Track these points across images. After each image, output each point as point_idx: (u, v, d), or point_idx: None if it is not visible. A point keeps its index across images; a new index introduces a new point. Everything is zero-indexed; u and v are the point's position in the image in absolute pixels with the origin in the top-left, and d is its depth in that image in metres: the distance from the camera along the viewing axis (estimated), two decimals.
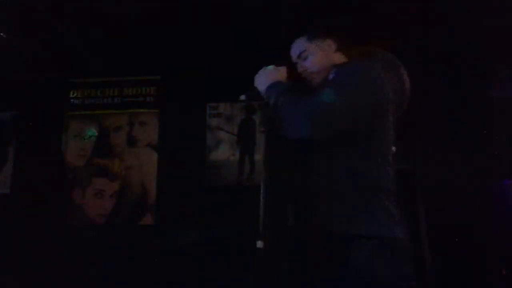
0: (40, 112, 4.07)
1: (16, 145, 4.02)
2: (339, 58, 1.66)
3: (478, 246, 3.38)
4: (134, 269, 3.51)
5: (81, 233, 3.70)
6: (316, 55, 1.63)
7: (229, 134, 3.83)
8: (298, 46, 1.68)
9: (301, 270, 1.50)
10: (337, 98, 1.34)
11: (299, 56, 1.67)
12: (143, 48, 3.94)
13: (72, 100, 4.12)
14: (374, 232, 1.35)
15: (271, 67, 1.61)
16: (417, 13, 3.48)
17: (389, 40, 3.45)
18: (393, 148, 3.65)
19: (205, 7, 3.37)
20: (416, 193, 3.79)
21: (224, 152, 3.83)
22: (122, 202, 3.82)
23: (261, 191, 1.44)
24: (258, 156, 3.76)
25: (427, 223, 3.63)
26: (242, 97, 1.68)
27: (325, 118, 1.34)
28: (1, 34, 3.31)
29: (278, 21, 3.32)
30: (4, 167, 3.97)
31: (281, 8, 3.33)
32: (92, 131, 3.99)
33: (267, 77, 1.57)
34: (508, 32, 3.61)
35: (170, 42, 3.84)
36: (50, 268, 3.56)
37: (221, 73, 3.81)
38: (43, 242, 3.63)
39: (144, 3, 3.32)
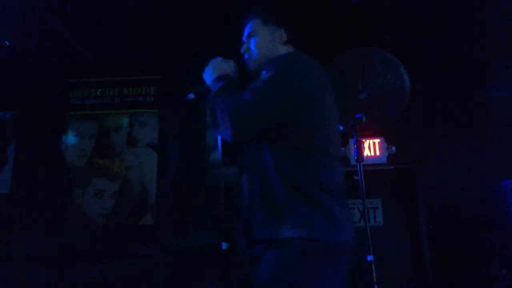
0: (40, 112, 4.07)
1: (16, 145, 4.02)
2: (285, 51, 1.55)
3: (478, 246, 3.38)
4: (134, 269, 3.51)
5: (81, 233, 3.69)
6: (263, 39, 1.56)
7: None
8: (250, 25, 1.60)
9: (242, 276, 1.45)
10: (255, 99, 1.29)
11: (247, 36, 1.59)
12: (143, 48, 3.94)
13: (72, 100, 4.12)
14: (303, 234, 1.25)
15: (219, 59, 1.54)
16: (417, 13, 3.48)
17: (389, 40, 3.47)
18: (393, 148, 3.67)
19: (206, 7, 3.37)
20: (416, 193, 3.79)
21: None
22: (122, 202, 3.82)
23: (221, 193, 1.40)
24: None
25: (427, 223, 3.64)
26: (190, 95, 1.57)
27: (243, 121, 1.29)
28: (6, 42, 3.32)
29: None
30: (4, 167, 3.97)
31: (283, 9, 3.32)
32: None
33: (213, 69, 1.50)
34: (509, 32, 3.61)
35: (170, 42, 3.84)
36: (50, 267, 3.56)
37: None
38: (43, 242, 3.63)
39: (144, 3, 3.32)
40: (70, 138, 4.01)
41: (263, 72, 1.39)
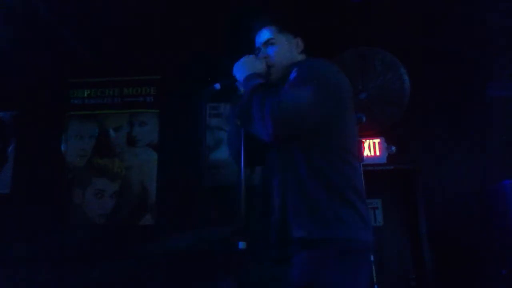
0: (40, 112, 4.07)
1: (16, 145, 4.02)
2: (301, 59, 1.62)
3: (478, 246, 3.38)
4: (134, 269, 3.51)
5: (82, 233, 3.69)
6: (282, 47, 1.60)
7: None
8: (267, 33, 1.63)
9: (269, 276, 1.45)
10: (298, 98, 1.33)
11: (265, 43, 1.62)
12: (143, 48, 3.94)
13: (72, 100, 4.12)
14: (340, 233, 1.30)
15: (252, 56, 1.57)
16: (417, 13, 3.49)
17: (389, 40, 3.46)
18: (393, 148, 3.68)
19: (206, 7, 3.37)
20: (416, 193, 3.79)
21: (224, 152, 3.83)
22: (122, 202, 3.82)
23: (239, 190, 1.39)
24: None
25: (427, 223, 3.64)
26: (217, 85, 1.59)
27: (286, 118, 1.31)
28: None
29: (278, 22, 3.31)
30: (4, 167, 3.97)
31: (284, 10, 3.32)
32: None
33: (246, 66, 1.53)
34: (509, 32, 3.62)
35: (170, 42, 3.84)
36: (50, 268, 3.56)
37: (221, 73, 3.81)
38: (43, 242, 3.63)
39: (144, 3, 3.32)
40: (70, 138, 4.01)
41: (293, 74, 1.43)
